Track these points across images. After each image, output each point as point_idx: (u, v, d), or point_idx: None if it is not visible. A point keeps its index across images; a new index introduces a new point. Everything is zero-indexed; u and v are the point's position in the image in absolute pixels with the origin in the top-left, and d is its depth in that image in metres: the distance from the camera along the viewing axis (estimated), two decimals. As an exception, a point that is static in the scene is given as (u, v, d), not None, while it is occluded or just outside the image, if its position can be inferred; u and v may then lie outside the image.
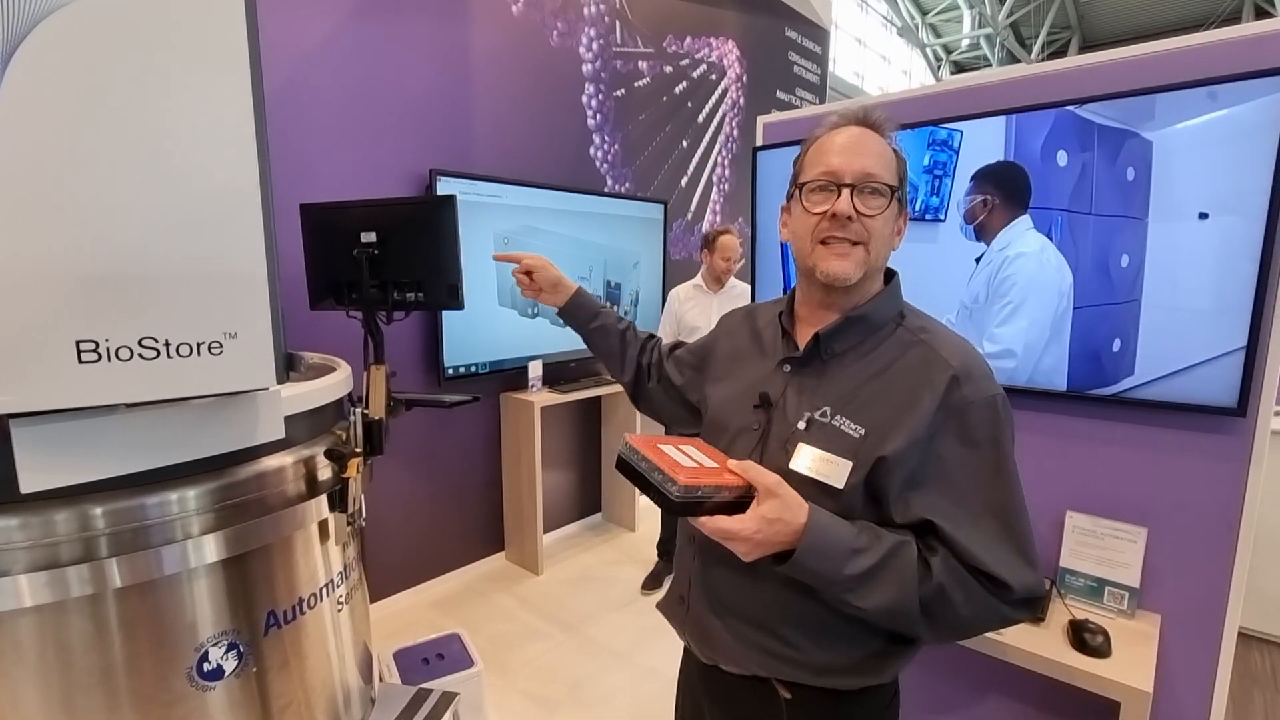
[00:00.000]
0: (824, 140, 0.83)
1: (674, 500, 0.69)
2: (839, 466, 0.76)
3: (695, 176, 3.96)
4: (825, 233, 0.79)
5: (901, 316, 0.84)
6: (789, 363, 0.87)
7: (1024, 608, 0.76)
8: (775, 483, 0.72)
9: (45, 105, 0.71)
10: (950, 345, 0.79)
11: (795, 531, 0.71)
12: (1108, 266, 1.23)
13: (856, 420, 0.78)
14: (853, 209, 0.77)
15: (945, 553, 0.73)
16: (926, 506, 0.74)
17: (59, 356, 0.74)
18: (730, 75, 4.11)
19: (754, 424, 0.87)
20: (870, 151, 0.79)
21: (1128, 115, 1.19)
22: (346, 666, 1.37)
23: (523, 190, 2.81)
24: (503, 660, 2.28)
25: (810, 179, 0.81)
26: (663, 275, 3.61)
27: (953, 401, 0.75)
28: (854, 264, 0.79)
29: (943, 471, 0.75)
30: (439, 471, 2.75)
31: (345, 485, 1.24)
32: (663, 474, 0.71)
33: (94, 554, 0.94)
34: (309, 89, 2.17)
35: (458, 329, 2.61)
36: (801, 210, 0.82)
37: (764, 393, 0.87)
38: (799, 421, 0.81)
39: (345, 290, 1.52)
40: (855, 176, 0.78)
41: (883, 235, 0.80)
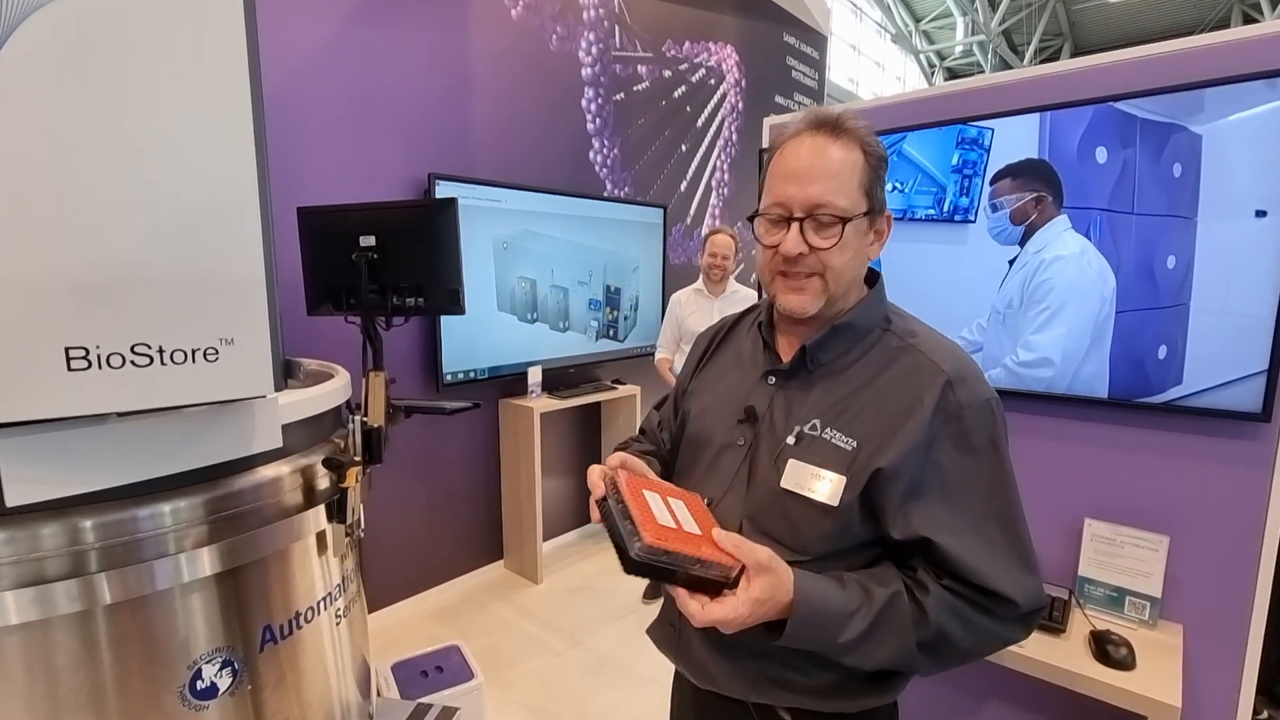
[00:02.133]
0: (783, 154, 0.78)
1: (631, 558, 0.62)
2: (832, 482, 0.73)
3: (694, 181, 3.94)
4: (780, 267, 0.76)
5: (888, 321, 0.81)
6: (774, 375, 0.83)
7: (1026, 624, 0.73)
8: (768, 558, 0.67)
9: (33, 104, 0.68)
10: (940, 349, 0.77)
11: (783, 606, 0.67)
12: (1152, 269, 1.19)
13: (848, 432, 0.75)
14: (804, 245, 0.73)
15: (938, 590, 0.70)
16: (926, 521, 0.71)
17: (47, 364, 0.71)
18: (729, 80, 4.10)
19: (739, 439, 0.83)
20: (823, 173, 0.73)
21: (1174, 109, 1.15)
22: (345, 682, 1.33)
23: (522, 195, 2.78)
24: (503, 672, 2.24)
25: (765, 207, 0.77)
26: (662, 280, 3.59)
27: (948, 406, 0.72)
28: (810, 297, 0.76)
29: (942, 480, 0.72)
30: (437, 479, 2.71)
31: (344, 495, 1.20)
32: (631, 525, 0.64)
33: (83, 569, 0.91)
34: (308, 93, 2.14)
35: (457, 334, 2.58)
36: (761, 236, 0.78)
37: (749, 406, 0.83)
38: (788, 436, 0.78)
39: (343, 295, 1.49)
40: (804, 207, 0.73)
41: (841, 263, 0.75)
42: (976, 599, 0.70)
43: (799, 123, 0.78)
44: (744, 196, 4.31)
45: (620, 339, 3.40)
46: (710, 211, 4.12)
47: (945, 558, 0.70)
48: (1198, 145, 1.14)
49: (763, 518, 0.78)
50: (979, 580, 0.70)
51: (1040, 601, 0.73)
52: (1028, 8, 12.70)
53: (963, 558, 0.70)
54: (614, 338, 3.37)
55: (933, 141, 1.42)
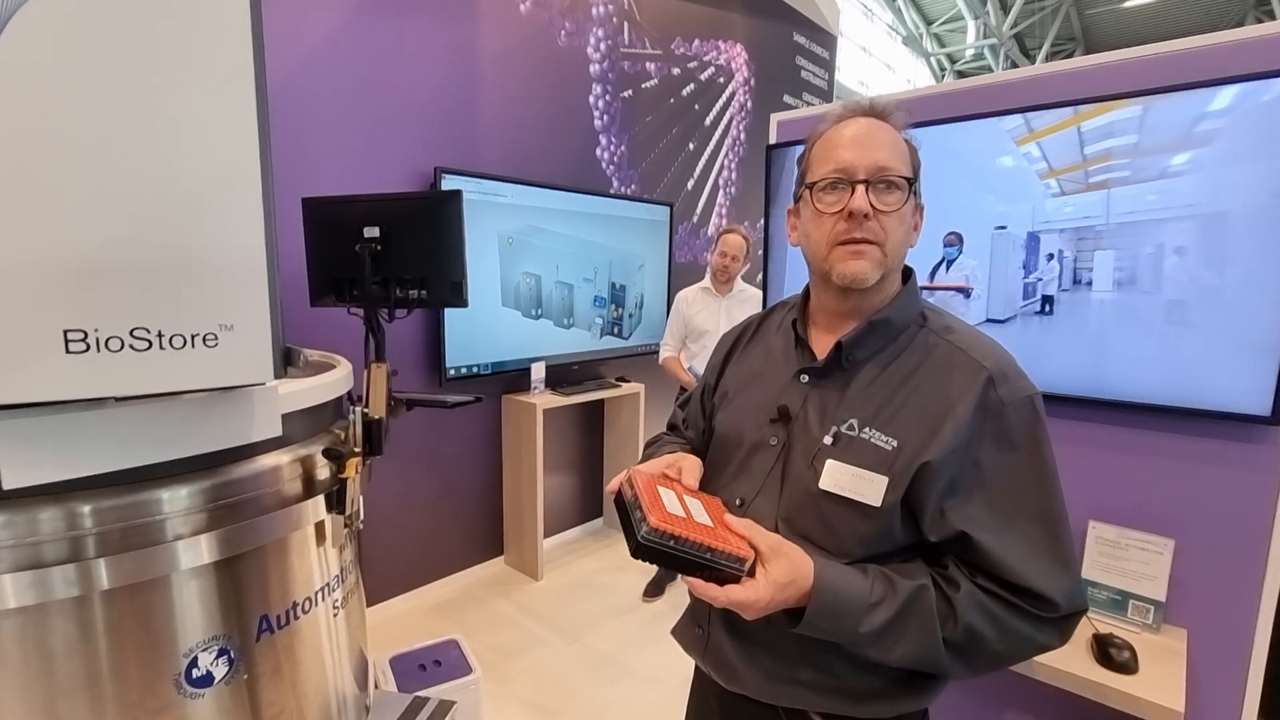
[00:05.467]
0: (831, 134, 0.78)
1: (639, 540, 0.64)
2: (874, 483, 0.72)
3: (702, 179, 3.93)
4: (842, 235, 0.74)
5: (923, 317, 0.80)
6: (807, 373, 0.81)
7: (1063, 628, 0.71)
8: (779, 541, 0.69)
9: (34, 84, 0.67)
10: (980, 345, 0.75)
11: (804, 593, 0.67)
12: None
13: (888, 432, 0.73)
14: (869, 205, 0.72)
15: (969, 587, 0.69)
16: (963, 518, 0.70)
17: (45, 346, 0.71)
18: (738, 79, 4.09)
19: (771, 439, 0.81)
20: (882, 143, 0.75)
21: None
22: (341, 673, 1.33)
23: (528, 190, 2.78)
24: (501, 667, 2.24)
25: (820, 177, 0.76)
26: (668, 278, 3.58)
27: (989, 404, 0.71)
28: (871, 264, 0.74)
29: (980, 478, 0.71)
30: (438, 473, 2.71)
31: (343, 486, 1.20)
32: (641, 511, 0.66)
33: (80, 554, 0.91)
34: (314, 85, 2.14)
35: (460, 329, 2.57)
36: (813, 212, 0.77)
37: (783, 405, 0.81)
38: (825, 436, 0.76)
39: (347, 286, 1.49)
40: (869, 170, 0.73)
41: (899, 233, 0.75)
42: (1011, 598, 0.69)
43: (842, 110, 0.79)
44: (751, 195, 4.30)
45: (625, 337, 3.40)
46: (717, 210, 4.11)
47: (981, 554, 0.69)
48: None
49: (799, 519, 0.76)
50: (1014, 578, 0.68)
51: (1080, 604, 0.71)
52: (1040, 11, 12.62)
53: (998, 554, 0.68)
54: (618, 335, 3.36)
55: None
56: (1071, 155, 1.28)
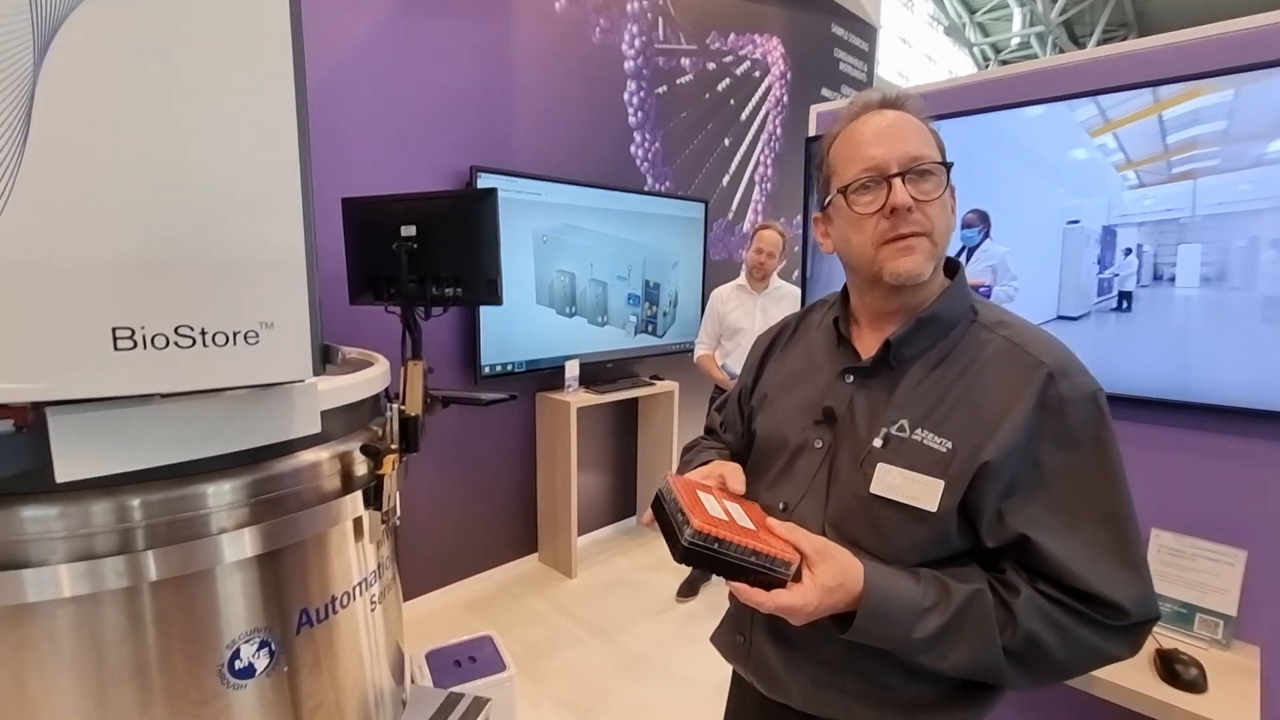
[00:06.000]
0: (851, 134, 0.75)
1: (682, 544, 0.62)
2: (929, 487, 0.68)
3: (737, 175, 3.88)
4: (887, 233, 0.71)
5: (974, 311, 0.76)
6: (852, 373, 0.78)
7: (1134, 637, 0.67)
8: (824, 543, 0.67)
9: (83, 89, 0.69)
10: (1038, 340, 0.71)
11: (854, 597, 0.65)
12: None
13: (941, 433, 0.70)
14: (910, 198, 0.69)
15: (1030, 593, 0.65)
16: (1023, 520, 0.66)
17: (95, 343, 0.72)
18: (774, 72, 4.02)
19: (816, 441, 0.79)
20: (909, 132, 0.72)
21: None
22: (379, 667, 1.34)
23: (562, 188, 2.78)
24: (535, 664, 2.24)
25: (852, 179, 0.73)
26: (702, 276, 3.54)
27: (1049, 401, 0.67)
28: (924, 257, 0.71)
29: (1041, 479, 0.67)
30: (473, 470, 2.74)
31: (380, 482, 1.21)
32: (683, 514, 0.64)
33: (130, 546, 0.93)
34: (355, 86, 2.18)
35: (495, 327, 2.59)
36: (849, 215, 0.74)
37: (828, 407, 0.78)
38: (874, 439, 0.73)
39: (384, 285, 1.51)
40: (902, 162, 0.70)
41: (943, 220, 0.72)
42: (1076, 605, 0.65)
43: (858, 106, 0.76)
44: (787, 191, 4.23)
45: (659, 335, 3.38)
46: (753, 206, 4.05)
47: (1042, 558, 0.65)
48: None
49: (848, 525, 0.74)
50: (1080, 584, 0.64)
51: (1152, 612, 0.67)
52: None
53: (1061, 558, 0.65)
54: (652, 333, 3.34)
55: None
56: (1152, 145, 1.21)
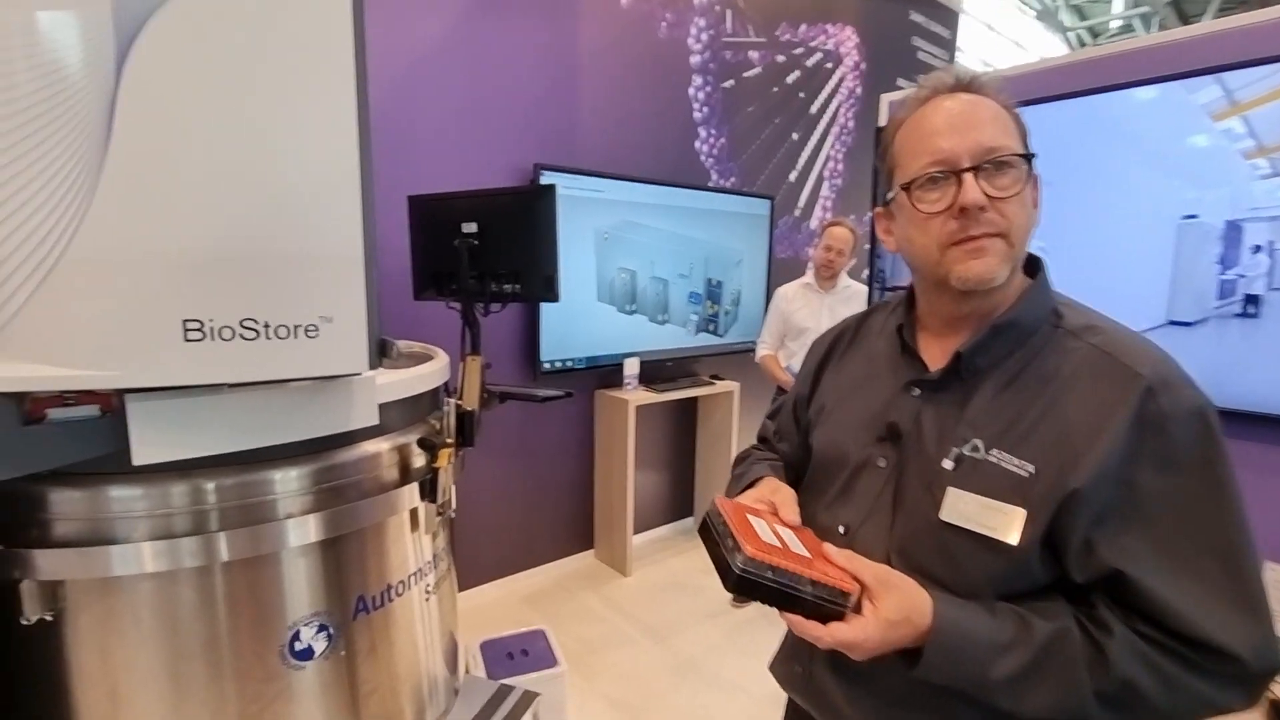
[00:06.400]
0: (917, 122, 0.68)
1: (734, 571, 0.58)
2: (1009, 516, 0.61)
3: (805, 171, 3.77)
4: (956, 234, 0.64)
5: (1057, 315, 0.68)
6: (919, 385, 0.72)
7: (1251, 688, 0.58)
8: (887, 571, 0.61)
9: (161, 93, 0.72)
10: (1134, 349, 0.63)
11: (921, 632, 0.59)
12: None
13: (1021, 454, 0.62)
14: (983, 195, 0.62)
15: (1125, 634, 0.58)
16: (1117, 553, 0.58)
17: (168, 335, 0.75)
18: (847, 63, 3.87)
19: (879, 459, 0.72)
20: (983, 119, 0.64)
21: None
22: (433, 656, 1.37)
23: (625, 185, 2.77)
24: (587, 662, 2.25)
25: (917, 173, 0.66)
26: (767, 274, 3.46)
27: (1148, 417, 0.58)
28: (998, 259, 0.63)
29: (1139, 506, 0.59)
30: (532, 465, 2.77)
31: (435, 475, 1.23)
32: (734, 540, 0.60)
33: (204, 527, 0.98)
34: (424, 87, 2.24)
35: (555, 323, 2.61)
36: (913, 213, 0.67)
37: (892, 423, 0.72)
38: (944, 459, 0.67)
39: (446, 281, 1.53)
40: (974, 154, 0.63)
41: (1022, 217, 0.64)
42: (1182, 651, 0.57)
43: (927, 89, 0.69)
44: (859, 186, 4.06)
45: (720, 334, 3.32)
46: (821, 203, 3.92)
47: (1141, 596, 0.58)
48: None
49: (917, 552, 0.68)
50: (1185, 627, 0.57)
51: (1274, 661, 0.58)
52: (1206, -29, 11.07)
53: (1164, 598, 0.57)
54: (714, 332, 3.29)
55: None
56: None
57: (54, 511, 0.92)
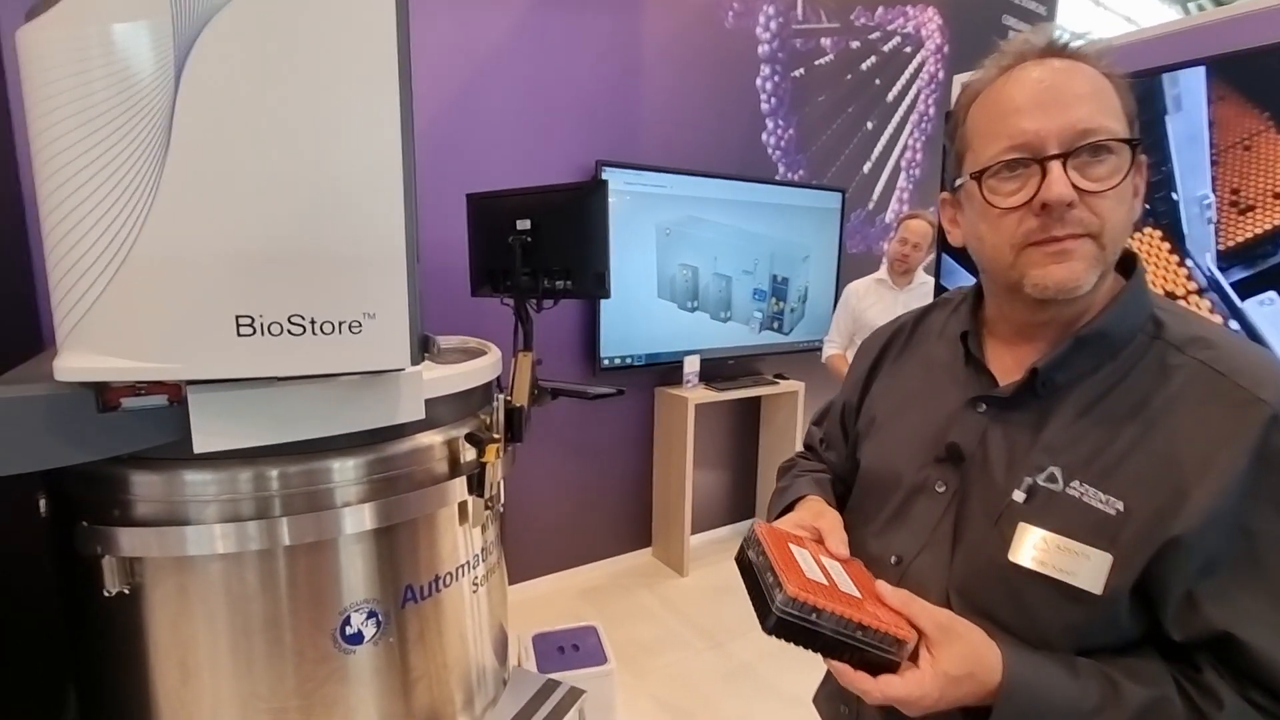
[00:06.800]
0: (995, 94, 0.57)
1: (773, 612, 0.52)
2: (1092, 561, 0.53)
3: (880, 162, 3.59)
4: (1035, 234, 0.54)
5: (1156, 325, 0.58)
6: (986, 401, 0.63)
7: None
8: (949, 619, 0.54)
9: (216, 98, 0.75)
10: (1254, 367, 0.53)
11: (988, 690, 0.52)
12: None
13: (1109, 488, 0.54)
14: (1071, 190, 0.52)
15: (1238, 705, 0.49)
16: (1229, 612, 0.50)
17: (222, 329, 0.79)
18: (928, 47, 3.66)
19: (938, 483, 0.64)
20: (1079, 93, 0.53)
21: None
22: (481, 646, 1.39)
23: (688, 180, 2.73)
24: (639, 661, 2.24)
25: (991, 160, 0.56)
26: (836, 270, 3.32)
27: (1273, 451, 0.49)
28: (1085, 266, 0.54)
29: (1256, 559, 0.50)
30: (592, 461, 2.79)
31: (483, 469, 1.24)
32: (774, 576, 0.54)
33: (268, 512, 1.03)
34: (488, 86, 2.28)
35: (616, 319, 2.61)
36: (984, 207, 0.57)
37: (952, 443, 0.64)
38: (1014, 489, 0.58)
39: (501, 277, 1.55)
40: (1065, 138, 0.52)
41: (1119, 214, 0.54)
42: None
43: (1010, 54, 0.58)
44: (939, 178, 3.84)
45: (785, 332, 3.22)
46: (897, 195, 3.73)
47: (1258, 663, 0.50)
48: None
49: (980, 594, 0.60)
50: None
51: None
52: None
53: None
54: (778, 330, 3.20)
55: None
56: None
57: (134, 493, 0.99)
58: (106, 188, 0.74)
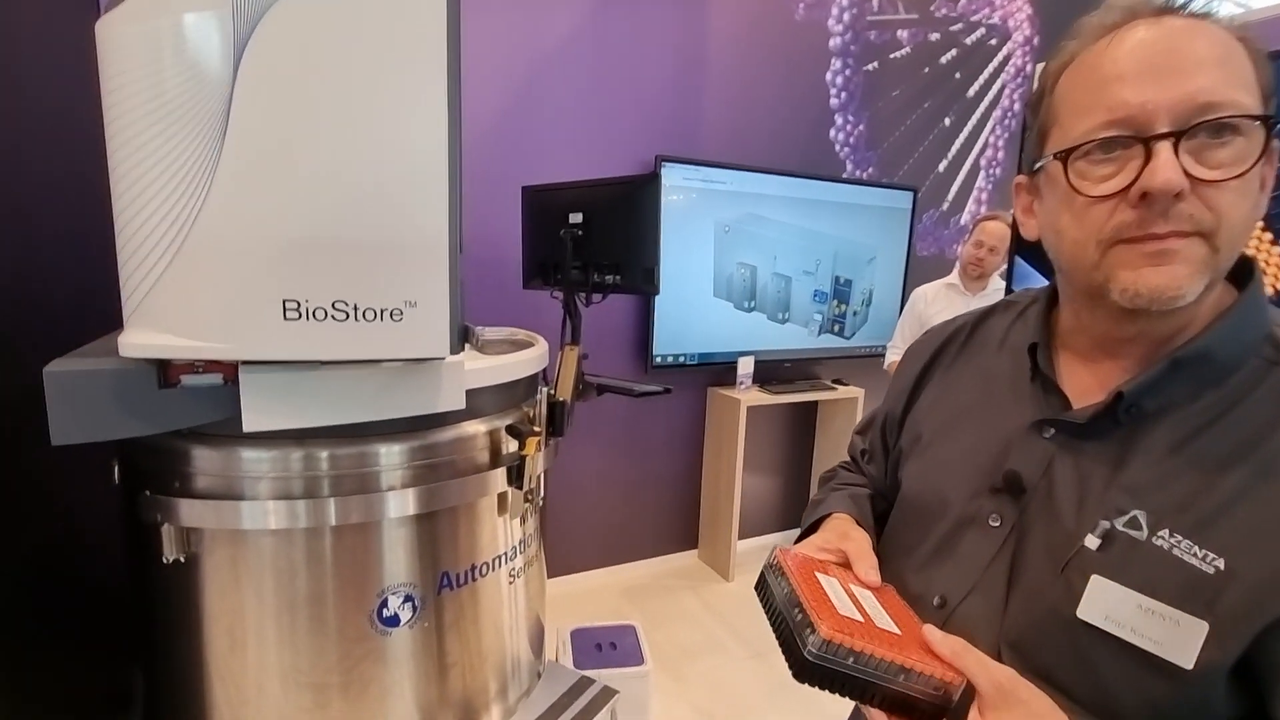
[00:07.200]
0: (1093, 60, 0.48)
1: (805, 657, 0.46)
2: (1182, 628, 0.44)
3: (958, 160, 3.41)
4: (1130, 229, 0.45)
5: (1276, 348, 0.49)
6: (1055, 426, 0.54)
7: None
8: (1010, 679, 0.46)
9: (271, 87, 0.77)
10: None
11: None
12: None
13: (1208, 541, 0.45)
14: (1182, 176, 0.43)
15: None
16: None
17: (270, 312, 0.81)
18: (1016, 38, 3.44)
19: (992, 516, 0.56)
20: (1202, 58, 0.44)
21: None
22: (517, 638, 1.40)
23: (750, 176, 2.67)
24: (678, 664, 2.21)
25: (1083, 137, 0.47)
26: (904, 273, 3.18)
27: None
28: (1189, 271, 0.45)
29: None
30: (641, 457, 2.77)
31: (523, 462, 1.24)
32: (804, 614, 0.48)
33: (317, 492, 1.06)
34: (550, 80, 2.29)
35: (670, 317, 2.58)
36: (1068, 194, 0.48)
37: (1012, 471, 0.55)
38: (1088, 531, 0.50)
39: (552, 271, 1.55)
40: (1179, 113, 0.43)
41: (1240, 211, 0.45)
42: None
43: (1115, 11, 0.48)
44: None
45: (846, 336, 3.11)
46: (975, 196, 3.53)
47: None
48: None
49: (1039, 651, 0.51)
50: None
51: None
52: None
53: None
54: (839, 334, 3.08)
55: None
56: None
57: (194, 466, 1.04)
58: (170, 173, 0.77)
